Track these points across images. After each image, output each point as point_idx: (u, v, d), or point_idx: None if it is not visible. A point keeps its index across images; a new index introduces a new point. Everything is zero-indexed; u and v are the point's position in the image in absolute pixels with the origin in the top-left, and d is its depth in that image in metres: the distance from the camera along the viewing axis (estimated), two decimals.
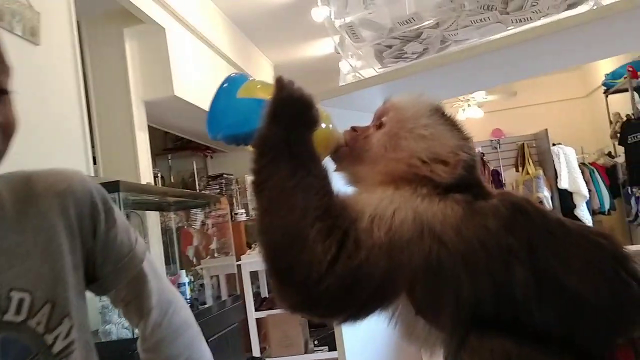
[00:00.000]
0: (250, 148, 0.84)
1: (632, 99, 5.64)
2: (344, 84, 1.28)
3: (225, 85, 0.86)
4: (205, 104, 3.99)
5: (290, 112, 0.77)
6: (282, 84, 0.79)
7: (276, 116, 0.76)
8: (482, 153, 7.14)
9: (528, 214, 0.73)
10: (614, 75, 6.19)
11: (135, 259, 1.00)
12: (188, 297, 3.06)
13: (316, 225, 0.70)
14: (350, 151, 0.87)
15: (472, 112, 7.51)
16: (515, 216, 0.72)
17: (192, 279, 3.44)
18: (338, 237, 0.70)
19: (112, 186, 2.54)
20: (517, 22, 1.19)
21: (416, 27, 1.23)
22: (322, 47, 6.39)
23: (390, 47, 1.20)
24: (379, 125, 0.86)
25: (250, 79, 0.88)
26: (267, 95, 0.81)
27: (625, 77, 5.73)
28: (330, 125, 0.85)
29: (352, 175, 0.88)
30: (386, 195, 0.76)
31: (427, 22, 1.22)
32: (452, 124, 0.83)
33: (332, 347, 4.63)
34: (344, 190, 0.81)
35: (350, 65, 1.49)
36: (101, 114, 3.89)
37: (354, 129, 0.89)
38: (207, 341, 1.11)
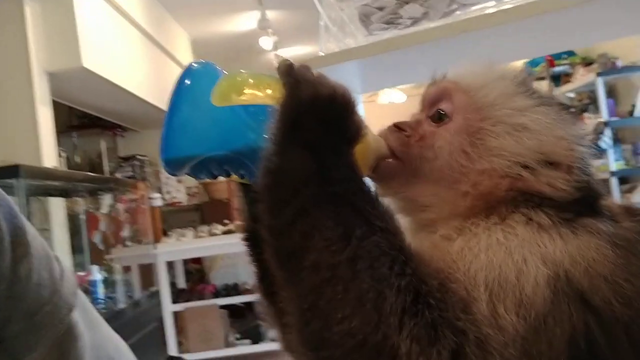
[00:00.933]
0: (247, 183, 0.57)
1: (550, 87, 5.75)
2: (322, 54, 1.04)
3: (187, 83, 0.57)
4: (116, 76, 3.62)
5: (321, 122, 0.50)
6: (298, 75, 0.51)
7: (297, 131, 0.49)
8: None
9: None
10: (533, 63, 6.29)
11: (59, 308, 0.64)
12: (101, 297, 2.71)
13: (407, 328, 0.44)
14: (401, 165, 0.60)
15: (393, 95, 7.42)
16: None
17: (106, 275, 3.08)
18: (450, 341, 0.44)
19: (11, 171, 2.19)
20: None
21: None
22: (243, 22, 6.07)
23: (381, 8, 0.97)
24: (438, 117, 0.60)
25: (224, 72, 0.59)
26: (267, 97, 0.54)
27: (543, 66, 5.84)
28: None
29: (411, 201, 0.60)
30: (493, 238, 0.50)
31: None
32: (551, 103, 0.58)
33: (255, 340, 4.43)
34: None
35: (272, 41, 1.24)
36: None
37: (398, 127, 0.61)
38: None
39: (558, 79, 5.61)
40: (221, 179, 0.61)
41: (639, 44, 4.83)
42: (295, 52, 6.85)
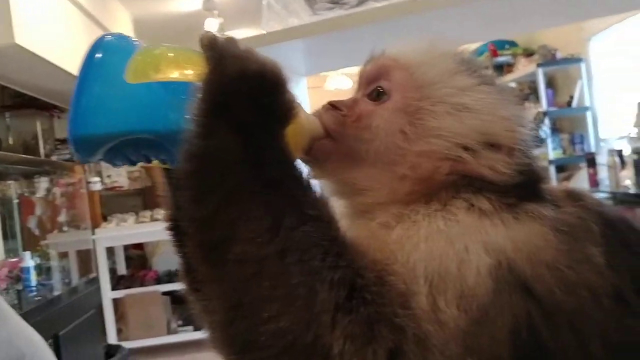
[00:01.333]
0: (170, 169, 0.53)
1: None
2: (264, 32, 1.00)
3: (97, 56, 0.52)
4: (52, 54, 3.47)
5: (249, 101, 0.46)
6: (222, 49, 0.47)
7: (222, 111, 0.45)
8: None
9: (622, 232, 0.50)
10: (477, 53, 6.41)
11: None
12: (33, 285, 2.59)
13: (340, 327, 0.41)
14: (336, 146, 0.56)
15: (340, 82, 7.41)
16: (608, 238, 0.48)
17: (39, 261, 2.95)
18: (387, 340, 0.41)
19: None
20: None
21: None
22: (188, 2, 5.91)
23: None
24: (376, 95, 0.57)
25: (140, 45, 0.54)
26: (188, 74, 0.50)
27: (487, 55, 5.94)
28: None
29: (346, 185, 0.57)
30: (433, 226, 0.47)
31: None
32: (493, 83, 0.56)
33: (198, 327, 4.31)
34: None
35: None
36: None
37: (334, 106, 0.58)
38: (58, 335, 0.77)
39: (501, 69, 5.72)
40: (141, 165, 0.56)
41: (578, 36, 4.98)
42: (241, 34, 6.72)
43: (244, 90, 0.46)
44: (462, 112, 0.53)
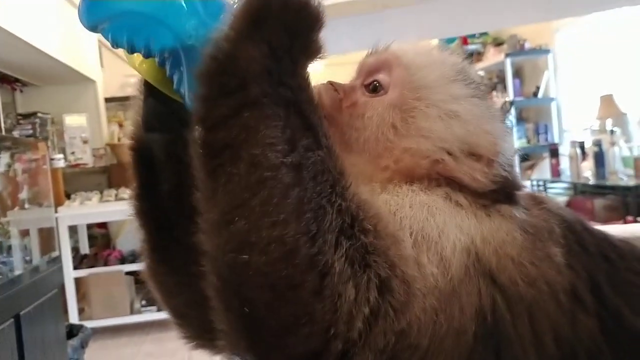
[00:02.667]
0: (149, 84, 0.53)
1: None
2: None
3: None
4: (15, 26, 3.36)
5: (287, 27, 0.46)
6: None
7: (260, 27, 0.45)
8: None
9: (579, 234, 0.53)
10: (448, 40, 6.45)
11: None
12: None
13: (343, 248, 0.42)
14: (330, 129, 0.56)
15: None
16: (568, 240, 0.52)
17: (0, 239, 2.88)
18: (381, 270, 0.43)
19: None
20: None
21: None
22: None
23: None
24: (373, 88, 0.59)
25: None
26: None
27: (457, 44, 5.99)
28: None
29: None
30: (416, 198, 0.50)
31: None
32: (483, 94, 0.59)
33: (161, 307, 4.31)
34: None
35: None
36: None
37: (332, 85, 0.60)
38: (19, 314, 0.77)
39: (470, 57, 5.79)
40: (136, 57, 0.53)
41: (547, 27, 5.05)
42: None
43: (285, 15, 0.46)
44: (452, 119, 0.56)
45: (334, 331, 0.41)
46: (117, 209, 4.14)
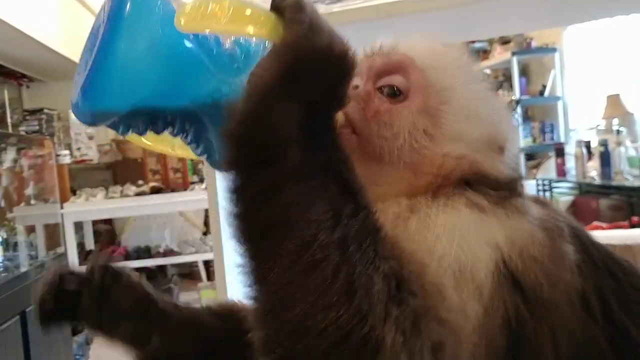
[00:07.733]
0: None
1: None
2: None
3: (127, 10, 0.43)
4: (21, 22, 3.35)
5: (325, 81, 0.43)
6: (311, 14, 0.43)
7: (295, 84, 0.42)
8: None
9: (587, 245, 0.53)
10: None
11: None
12: None
13: (392, 318, 0.39)
14: (360, 141, 0.55)
15: None
16: (578, 248, 0.52)
17: (6, 235, 2.89)
18: (434, 332, 0.41)
19: None
20: None
21: None
22: None
23: None
24: (392, 92, 0.56)
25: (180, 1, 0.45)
26: (260, 31, 0.43)
27: (463, 41, 5.96)
28: None
29: (364, 177, 0.54)
30: (448, 220, 0.48)
31: None
32: (495, 90, 0.61)
33: None
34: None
35: None
36: None
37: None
38: (25, 311, 0.78)
39: (477, 55, 5.76)
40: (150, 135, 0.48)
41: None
42: None
43: (324, 69, 0.43)
44: (477, 117, 0.56)
45: None
46: (122, 205, 4.16)
